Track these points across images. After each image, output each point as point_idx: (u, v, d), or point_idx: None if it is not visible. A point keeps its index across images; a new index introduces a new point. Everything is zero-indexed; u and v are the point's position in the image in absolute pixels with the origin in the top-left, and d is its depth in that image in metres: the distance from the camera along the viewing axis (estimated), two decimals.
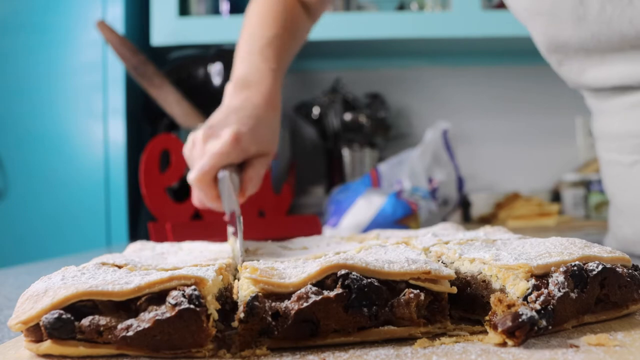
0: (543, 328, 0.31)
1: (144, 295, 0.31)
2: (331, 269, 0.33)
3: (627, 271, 0.36)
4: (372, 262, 0.34)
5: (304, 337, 0.32)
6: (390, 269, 0.34)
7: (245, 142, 0.64)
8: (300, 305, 0.31)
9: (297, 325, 0.31)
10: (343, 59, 1.80)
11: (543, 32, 0.72)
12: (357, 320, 0.32)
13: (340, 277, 0.32)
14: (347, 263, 0.33)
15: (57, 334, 0.30)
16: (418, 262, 0.35)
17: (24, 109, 1.42)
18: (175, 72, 1.42)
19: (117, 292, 0.31)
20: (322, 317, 0.32)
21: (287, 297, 0.32)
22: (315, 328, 0.32)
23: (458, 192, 1.36)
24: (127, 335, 0.30)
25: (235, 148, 0.63)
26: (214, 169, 0.62)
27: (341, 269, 0.33)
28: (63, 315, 0.30)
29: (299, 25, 0.87)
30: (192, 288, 0.31)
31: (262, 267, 0.35)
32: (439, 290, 0.34)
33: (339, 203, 1.20)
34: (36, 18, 1.43)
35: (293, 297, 0.32)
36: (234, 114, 0.67)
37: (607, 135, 0.76)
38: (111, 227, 1.41)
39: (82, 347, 0.30)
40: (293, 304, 0.31)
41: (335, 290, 0.32)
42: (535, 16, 0.71)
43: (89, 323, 0.30)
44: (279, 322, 0.31)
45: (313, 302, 0.31)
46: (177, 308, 0.30)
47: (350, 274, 0.32)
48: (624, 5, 0.62)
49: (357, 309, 0.32)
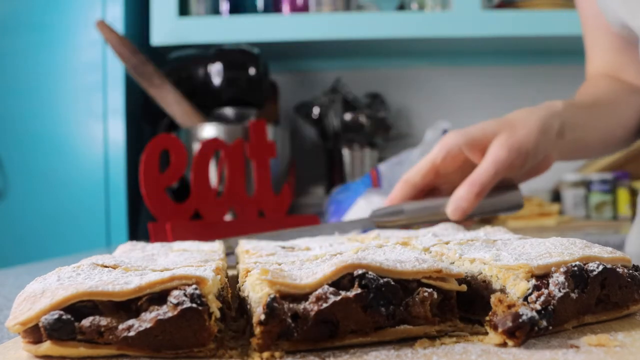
0: (543, 328, 0.31)
1: (145, 295, 0.31)
2: (347, 268, 0.32)
3: (627, 271, 0.36)
4: (385, 262, 0.34)
5: (323, 338, 0.31)
6: (403, 268, 0.33)
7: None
8: (319, 306, 0.31)
9: (316, 327, 0.31)
10: (343, 59, 1.80)
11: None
12: (376, 320, 0.32)
13: (357, 277, 0.32)
14: (362, 263, 0.33)
15: (57, 335, 0.30)
16: (427, 261, 0.35)
17: (24, 109, 1.42)
18: (175, 72, 1.42)
19: (118, 292, 0.31)
20: (341, 317, 0.31)
21: (303, 299, 0.31)
22: (334, 329, 0.31)
23: None
24: (128, 335, 0.30)
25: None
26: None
27: (357, 269, 0.32)
28: (63, 316, 0.30)
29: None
30: (194, 287, 0.31)
31: (272, 269, 0.34)
32: (450, 288, 0.34)
33: (339, 203, 1.19)
34: (36, 18, 1.43)
35: (311, 298, 0.31)
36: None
37: None
38: (111, 227, 1.41)
39: (82, 348, 0.30)
40: (312, 305, 0.31)
41: (354, 290, 0.32)
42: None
43: (90, 324, 0.30)
44: (298, 323, 0.31)
45: (333, 303, 0.31)
46: (179, 307, 0.30)
47: (367, 273, 0.32)
48: None
49: (375, 308, 0.32)
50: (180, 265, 0.40)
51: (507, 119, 0.68)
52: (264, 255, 0.47)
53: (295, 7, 1.58)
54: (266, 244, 0.54)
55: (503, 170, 0.65)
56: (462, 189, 0.65)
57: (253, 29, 1.51)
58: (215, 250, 0.50)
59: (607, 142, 0.79)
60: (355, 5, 1.61)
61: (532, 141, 0.65)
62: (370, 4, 1.65)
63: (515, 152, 0.65)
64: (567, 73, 1.61)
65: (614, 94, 0.79)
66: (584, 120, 0.74)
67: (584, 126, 0.74)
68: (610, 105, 0.78)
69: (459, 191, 0.66)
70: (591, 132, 0.76)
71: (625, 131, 0.80)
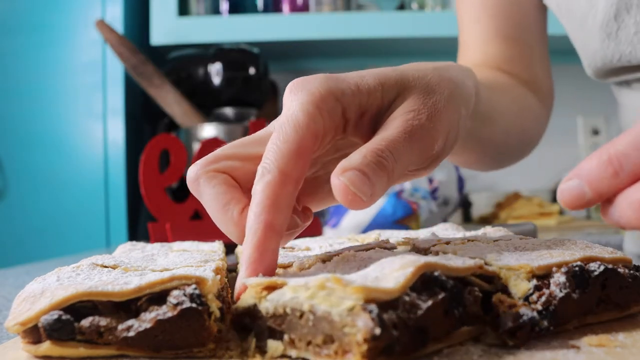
0: (544, 329, 0.31)
1: (145, 296, 0.31)
2: (421, 269, 0.30)
3: (628, 272, 0.36)
4: (447, 262, 0.32)
5: (417, 348, 0.29)
6: (458, 265, 0.32)
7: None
8: (414, 313, 0.28)
9: (413, 336, 0.28)
10: (343, 59, 1.80)
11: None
12: (452, 323, 0.30)
13: (432, 278, 0.30)
14: (430, 262, 0.30)
15: (57, 335, 0.30)
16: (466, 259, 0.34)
17: (24, 109, 1.42)
18: (175, 72, 1.42)
19: (118, 293, 0.30)
20: (430, 324, 0.29)
21: (389, 307, 0.28)
22: (425, 337, 0.29)
23: (458, 192, 1.36)
24: (128, 335, 0.30)
25: None
26: None
27: (431, 269, 0.30)
28: (63, 316, 0.30)
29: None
30: (193, 287, 0.31)
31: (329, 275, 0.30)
32: (489, 288, 0.33)
33: None
34: (36, 18, 1.43)
35: (403, 305, 0.28)
36: None
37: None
38: (111, 227, 1.41)
39: (82, 348, 0.30)
40: (405, 313, 0.28)
41: (440, 294, 0.30)
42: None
43: (89, 324, 0.30)
44: (400, 335, 0.27)
45: (426, 309, 0.28)
46: (179, 307, 0.30)
47: (439, 274, 0.30)
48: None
49: (452, 311, 0.30)
50: (180, 265, 0.40)
51: (437, 70, 0.41)
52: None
53: (295, 7, 1.58)
54: None
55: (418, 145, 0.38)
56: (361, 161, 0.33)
57: (253, 28, 1.51)
58: (215, 250, 0.50)
59: (505, 142, 0.64)
60: (355, 5, 1.61)
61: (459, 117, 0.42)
62: (370, 4, 1.65)
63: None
64: (568, 73, 1.61)
65: (506, 84, 0.67)
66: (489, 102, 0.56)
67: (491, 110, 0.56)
68: (506, 94, 0.64)
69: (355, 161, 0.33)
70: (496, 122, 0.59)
71: (521, 135, 0.68)
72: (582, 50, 0.67)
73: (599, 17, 0.60)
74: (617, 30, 0.59)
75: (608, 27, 0.59)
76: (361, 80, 0.38)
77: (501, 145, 0.64)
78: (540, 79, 0.74)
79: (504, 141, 0.64)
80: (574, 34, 0.68)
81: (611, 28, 0.59)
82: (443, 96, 0.39)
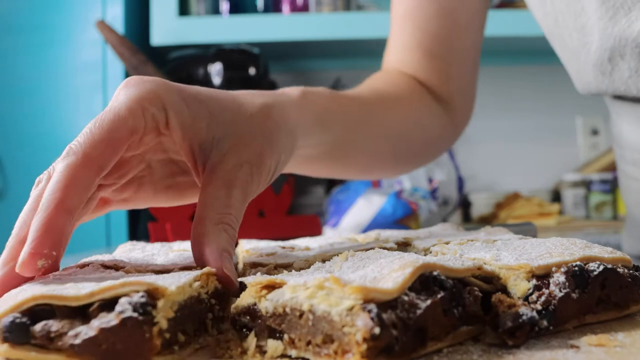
0: (544, 328, 0.31)
1: (97, 301, 0.29)
2: (419, 269, 0.30)
3: (628, 272, 0.36)
4: (446, 262, 0.32)
5: (415, 348, 0.29)
6: (458, 267, 0.32)
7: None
8: (413, 313, 0.28)
9: (413, 336, 0.28)
10: (343, 59, 1.80)
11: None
12: (451, 323, 0.30)
13: (430, 278, 0.30)
14: (429, 263, 0.31)
15: (12, 338, 0.29)
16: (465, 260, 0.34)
17: (24, 108, 1.42)
18: (175, 72, 1.42)
19: (72, 297, 0.29)
20: (429, 323, 0.29)
21: (388, 306, 0.28)
22: (424, 337, 0.29)
23: (458, 192, 1.36)
24: (74, 343, 0.28)
25: None
26: None
27: (429, 269, 0.30)
28: (17, 319, 0.29)
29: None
30: (140, 295, 0.29)
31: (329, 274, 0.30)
32: (487, 288, 0.33)
33: (339, 203, 1.19)
34: (36, 18, 1.43)
35: (402, 305, 0.28)
36: None
37: (624, 144, 0.68)
38: (111, 227, 1.41)
39: (34, 353, 0.29)
40: (404, 313, 0.28)
41: (439, 293, 0.30)
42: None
43: (41, 328, 0.29)
44: (399, 334, 0.27)
45: (425, 308, 0.28)
46: (121, 316, 0.28)
47: (438, 274, 0.30)
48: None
49: (451, 311, 0.30)
50: (180, 265, 0.40)
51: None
52: (263, 255, 0.47)
53: (295, 7, 1.58)
54: (266, 244, 0.54)
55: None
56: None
57: (253, 29, 1.51)
58: None
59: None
60: (355, 5, 1.61)
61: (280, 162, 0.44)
62: (370, 4, 1.65)
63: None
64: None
65: (404, 99, 0.67)
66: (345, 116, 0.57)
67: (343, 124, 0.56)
68: (396, 110, 0.65)
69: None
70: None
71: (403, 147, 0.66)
72: (575, 77, 0.66)
73: (592, 57, 0.59)
74: (611, 71, 0.58)
75: (602, 67, 0.58)
76: (193, 101, 0.40)
77: (374, 160, 0.65)
78: (456, 97, 0.74)
79: (375, 156, 0.64)
80: (566, 62, 0.67)
81: (605, 68, 0.58)
82: (267, 144, 0.42)
